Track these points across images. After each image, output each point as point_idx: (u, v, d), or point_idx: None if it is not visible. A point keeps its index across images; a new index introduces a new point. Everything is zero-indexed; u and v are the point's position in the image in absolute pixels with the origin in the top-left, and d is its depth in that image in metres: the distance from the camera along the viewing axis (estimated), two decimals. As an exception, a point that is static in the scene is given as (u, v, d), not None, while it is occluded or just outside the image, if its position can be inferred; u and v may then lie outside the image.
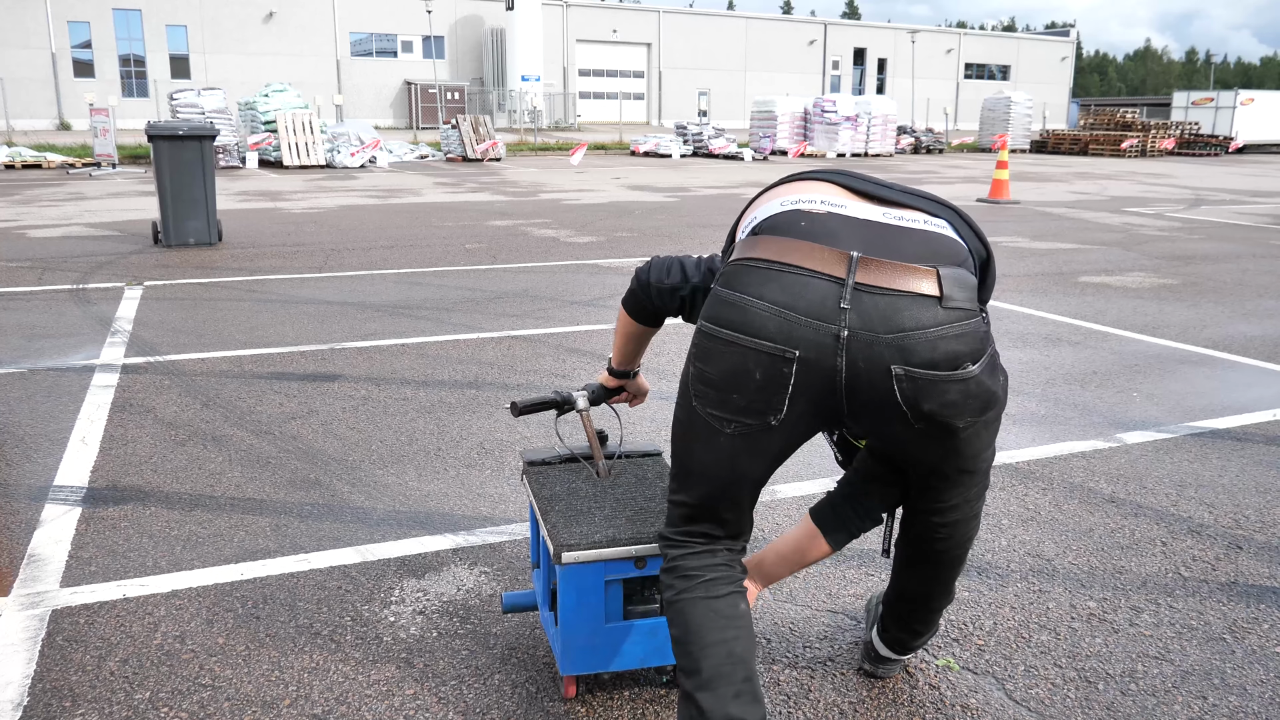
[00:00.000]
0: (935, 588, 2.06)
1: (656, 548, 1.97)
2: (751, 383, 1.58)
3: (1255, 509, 3.25)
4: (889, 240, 1.57)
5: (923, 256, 1.57)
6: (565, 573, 1.96)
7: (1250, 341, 5.65)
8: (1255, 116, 36.84)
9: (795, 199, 1.62)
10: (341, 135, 21.45)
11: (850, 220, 1.59)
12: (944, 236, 1.65)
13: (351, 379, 4.64)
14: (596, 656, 2.02)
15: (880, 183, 1.73)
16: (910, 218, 1.64)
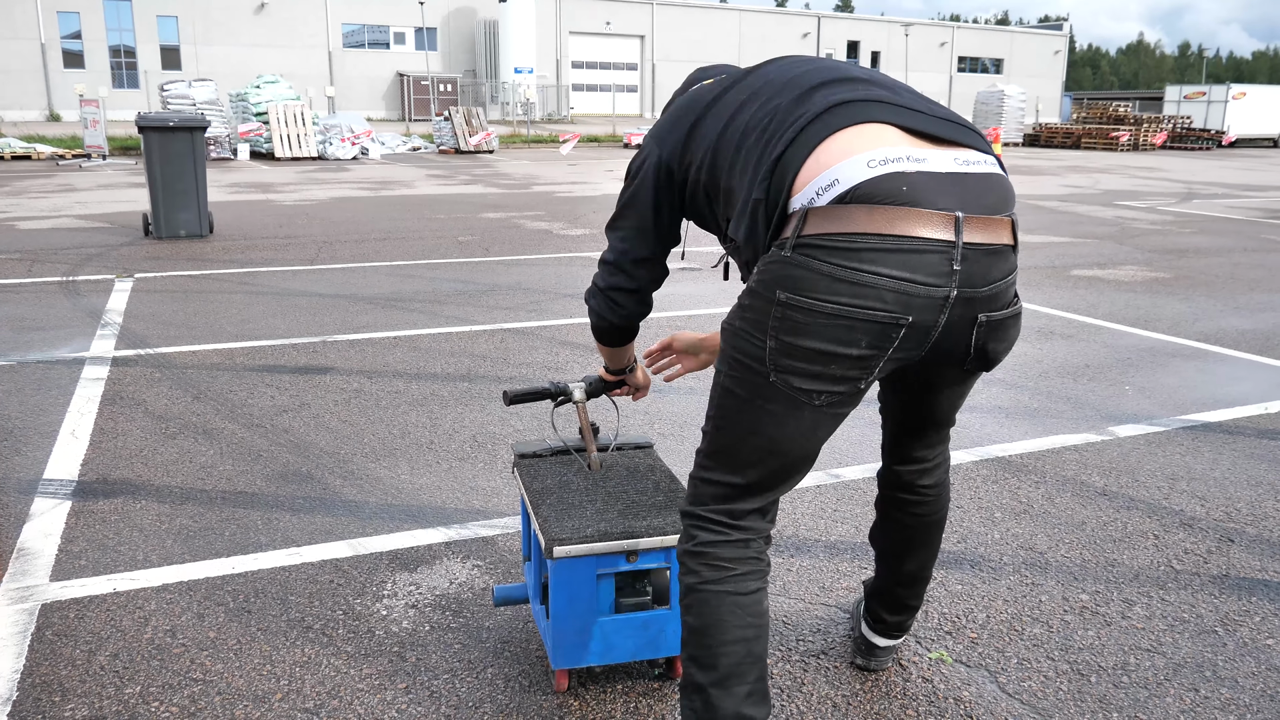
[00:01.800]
0: (928, 557, 2.10)
1: (648, 541, 1.97)
2: (855, 350, 1.53)
3: (1246, 502, 3.26)
4: (976, 192, 1.55)
5: (999, 205, 1.58)
6: (557, 567, 1.95)
7: (1242, 335, 5.67)
8: (1247, 111, 36.91)
9: (883, 156, 1.51)
10: (334, 127, 21.37)
11: (939, 176, 1.52)
12: (1004, 179, 1.64)
13: (343, 372, 4.62)
14: (588, 650, 2.02)
15: (927, 113, 1.63)
16: (975, 160, 1.59)
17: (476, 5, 43.52)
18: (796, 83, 1.69)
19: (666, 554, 2.00)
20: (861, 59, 51.67)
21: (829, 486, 3.32)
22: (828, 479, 3.38)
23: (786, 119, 1.61)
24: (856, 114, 1.56)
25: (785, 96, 1.67)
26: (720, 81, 1.85)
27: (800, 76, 1.70)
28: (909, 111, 1.60)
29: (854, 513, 3.11)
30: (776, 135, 1.60)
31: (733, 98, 1.77)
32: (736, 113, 1.73)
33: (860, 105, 1.58)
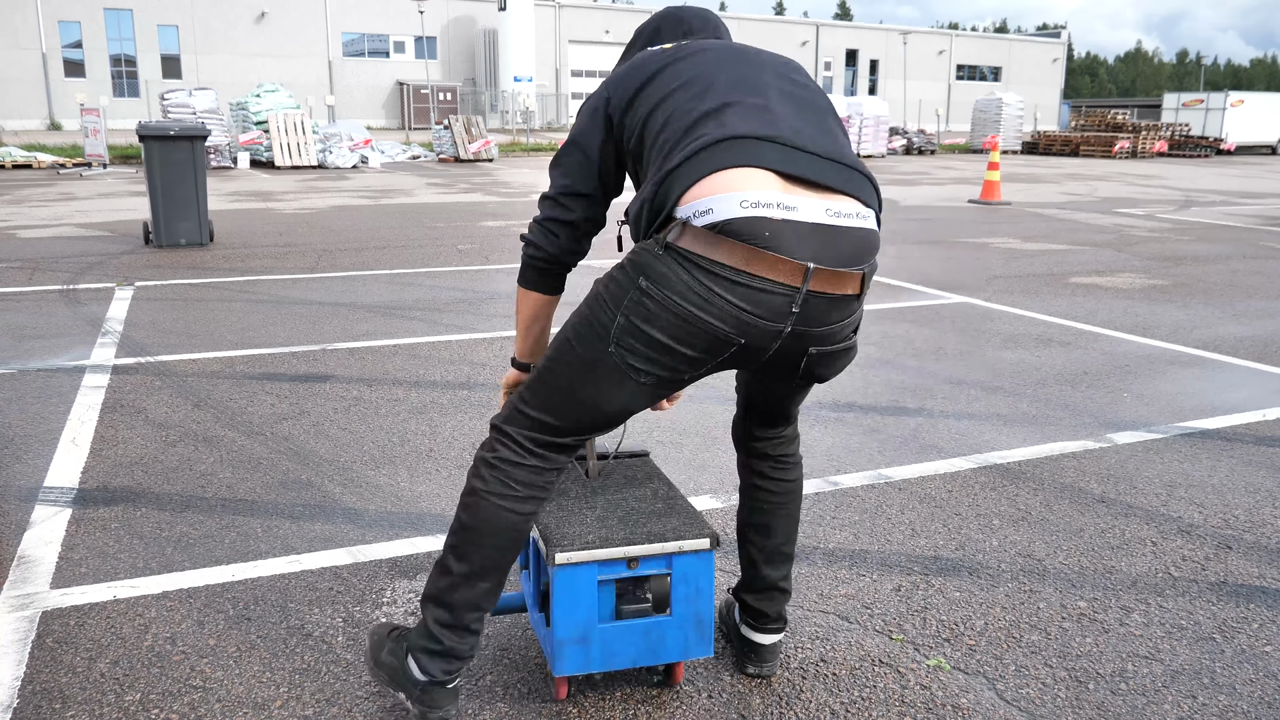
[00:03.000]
0: (790, 529, 2.22)
1: (648, 548, 1.98)
2: (690, 351, 1.71)
3: (1244, 509, 3.26)
4: (835, 245, 1.70)
5: (854, 260, 1.73)
6: (558, 574, 1.95)
7: (1240, 342, 5.68)
8: (1245, 118, 37.00)
9: (754, 200, 1.65)
10: (333, 135, 21.41)
11: (802, 226, 1.67)
12: (871, 233, 1.77)
13: (343, 380, 4.63)
14: (589, 657, 2.01)
15: (820, 154, 1.74)
16: (847, 212, 1.72)
17: (476, 14, 43.63)
18: (716, 90, 1.80)
19: (667, 560, 2.01)
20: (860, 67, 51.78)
21: (827, 494, 3.33)
22: (826, 486, 3.39)
23: (691, 133, 1.74)
24: (748, 155, 1.68)
25: (703, 103, 1.78)
26: (670, 52, 1.93)
27: (722, 84, 1.81)
28: (801, 154, 1.72)
29: (851, 520, 3.12)
30: (678, 147, 1.74)
31: (670, 77, 1.86)
32: (668, 96, 1.83)
33: (754, 145, 1.70)
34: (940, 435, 3.95)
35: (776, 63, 1.91)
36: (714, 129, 1.72)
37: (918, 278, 7.76)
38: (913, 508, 3.23)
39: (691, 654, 2.06)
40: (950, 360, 5.17)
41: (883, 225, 2.24)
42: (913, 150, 31.34)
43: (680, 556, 2.01)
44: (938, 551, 2.91)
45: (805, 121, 1.78)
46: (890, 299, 6.89)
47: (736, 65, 1.86)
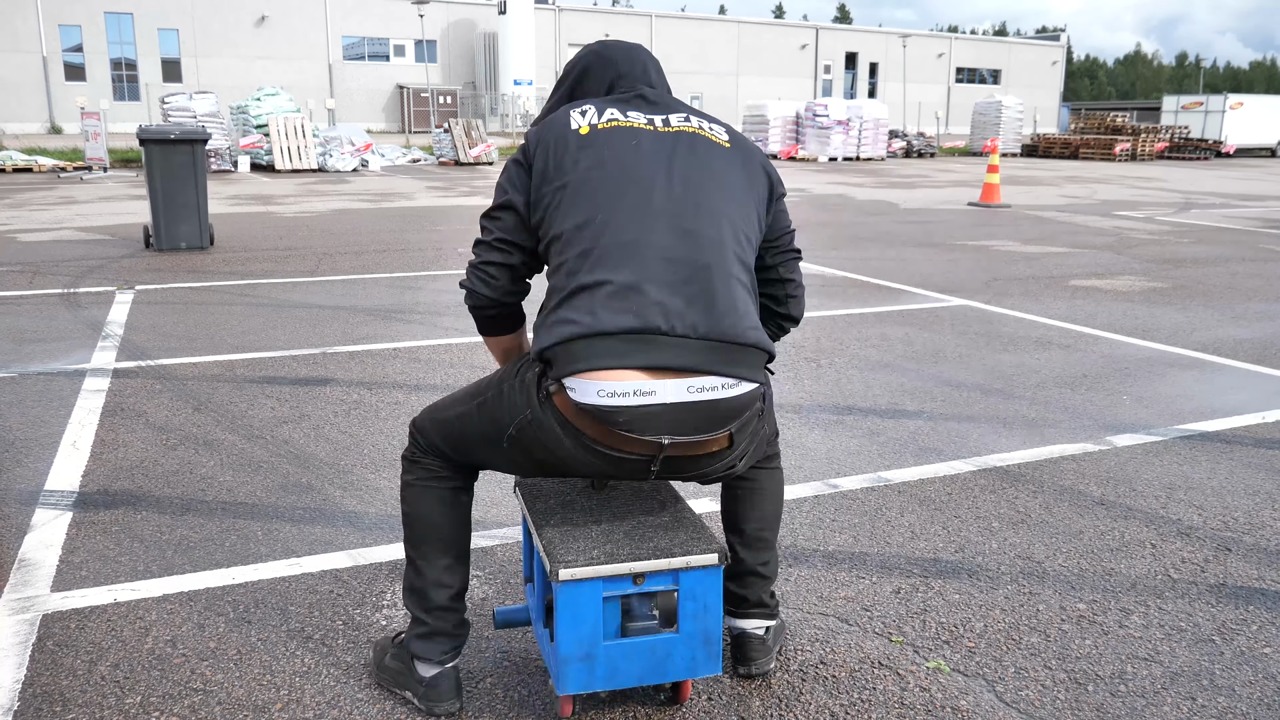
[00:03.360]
0: (767, 514, 2.23)
1: (654, 563, 1.94)
2: (565, 468, 1.92)
3: (1244, 511, 3.27)
4: (695, 418, 1.80)
5: (719, 424, 1.82)
6: (562, 590, 1.89)
7: (1239, 344, 5.68)
8: (1244, 120, 37.03)
9: (611, 390, 1.75)
10: (334, 139, 21.43)
11: (659, 408, 1.77)
12: (737, 399, 1.82)
13: (343, 383, 4.63)
14: (593, 675, 1.95)
15: (686, 337, 1.78)
16: (711, 385, 1.79)
17: (476, 18, 43.68)
18: (600, 253, 1.81)
19: (674, 576, 1.96)
20: (859, 70, 51.82)
21: (826, 497, 3.33)
22: (825, 489, 3.39)
23: (571, 304, 1.80)
24: (612, 358, 1.75)
25: (585, 269, 1.81)
26: (575, 147, 1.91)
27: (608, 246, 1.81)
28: (668, 343, 1.77)
29: (852, 523, 3.12)
30: (558, 310, 1.82)
31: (570, 201, 1.87)
32: (562, 236, 1.87)
33: (620, 346, 1.76)
34: (940, 438, 3.96)
35: (671, 190, 1.87)
36: (586, 317, 1.77)
37: (917, 280, 7.77)
38: (912, 510, 3.23)
39: (699, 672, 2.02)
40: (950, 363, 5.17)
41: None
42: (912, 153, 31.36)
43: (687, 572, 1.95)
44: (937, 554, 2.91)
45: (681, 294, 1.80)
46: (890, 302, 6.90)
47: (628, 210, 1.84)
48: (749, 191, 1.96)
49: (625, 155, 1.88)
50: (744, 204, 1.94)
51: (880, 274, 8.08)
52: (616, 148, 1.89)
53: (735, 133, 2.04)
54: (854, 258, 9.08)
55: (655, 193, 1.86)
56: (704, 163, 1.92)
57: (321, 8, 41.43)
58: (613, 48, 2.13)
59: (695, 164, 1.91)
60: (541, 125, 1.98)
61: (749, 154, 2.01)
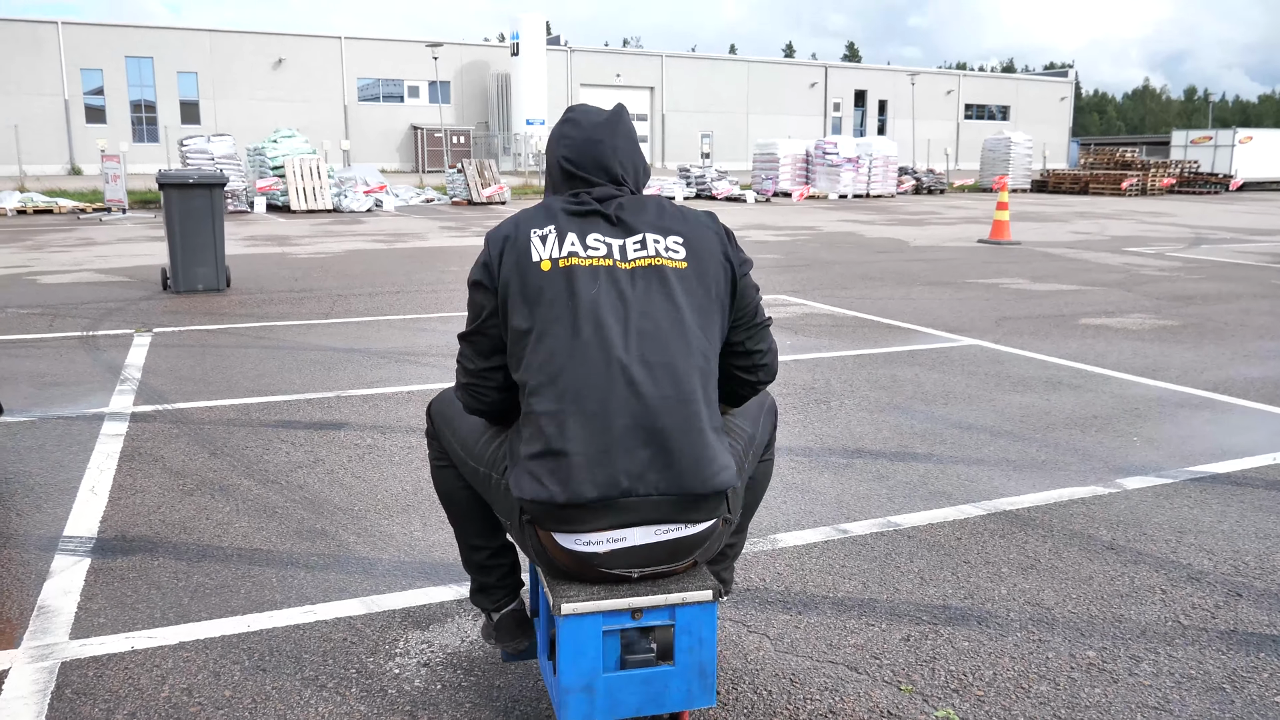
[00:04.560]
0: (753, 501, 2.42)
1: (652, 599, 2.03)
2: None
3: (1255, 555, 3.26)
4: (662, 553, 2.02)
5: (686, 553, 2.05)
6: (564, 624, 1.99)
7: (1251, 384, 5.68)
8: (1254, 154, 37.07)
9: (586, 540, 1.98)
10: (349, 179, 21.70)
11: (626, 550, 1.99)
12: (695, 537, 2.03)
13: (357, 427, 4.68)
14: (594, 706, 2.03)
15: (649, 495, 1.95)
16: (675, 526, 2.00)
17: (489, 59, 44.31)
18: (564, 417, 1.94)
19: (670, 611, 2.05)
20: (869, 107, 52.20)
21: (836, 542, 3.34)
22: (835, 534, 3.41)
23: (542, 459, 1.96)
24: (583, 524, 1.96)
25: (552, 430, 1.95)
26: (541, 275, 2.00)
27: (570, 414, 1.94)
28: (632, 504, 1.95)
29: (861, 568, 3.14)
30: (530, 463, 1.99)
31: (539, 331, 1.98)
32: (527, 385, 2.00)
33: (590, 513, 1.95)
34: (949, 481, 3.97)
35: (629, 349, 1.95)
36: (558, 487, 1.94)
37: (927, 320, 7.80)
38: (922, 555, 3.24)
39: (695, 703, 2.10)
40: (959, 404, 5.19)
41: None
42: (922, 190, 31.49)
43: (684, 608, 2.04)
44: (947, 600, 2.92)
45: (640, 459, 1.94)
46: (900, 342, 6.93)
47: (590, 377, 1.94)
48: (710, 304, 2.06)
49: (584, 307, 1.96)
50: (706, 323, 2.04)
51: (890, 313, 8.12)
52: (577, 297, 1.97)
53: (692, 234, 2.08)
54: (864, 297, 9.13)
55: (614, 354, 1.94)
56: (662, 304, 1.99)
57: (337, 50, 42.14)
58: (571, 135, 2.15)
59: (653, 309, 1.99)
60: (505, 242, 2.05)
61: (705, 258, 2.06)
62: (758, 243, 14.67)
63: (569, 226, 2.03)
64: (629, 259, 2.01)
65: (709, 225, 2.12)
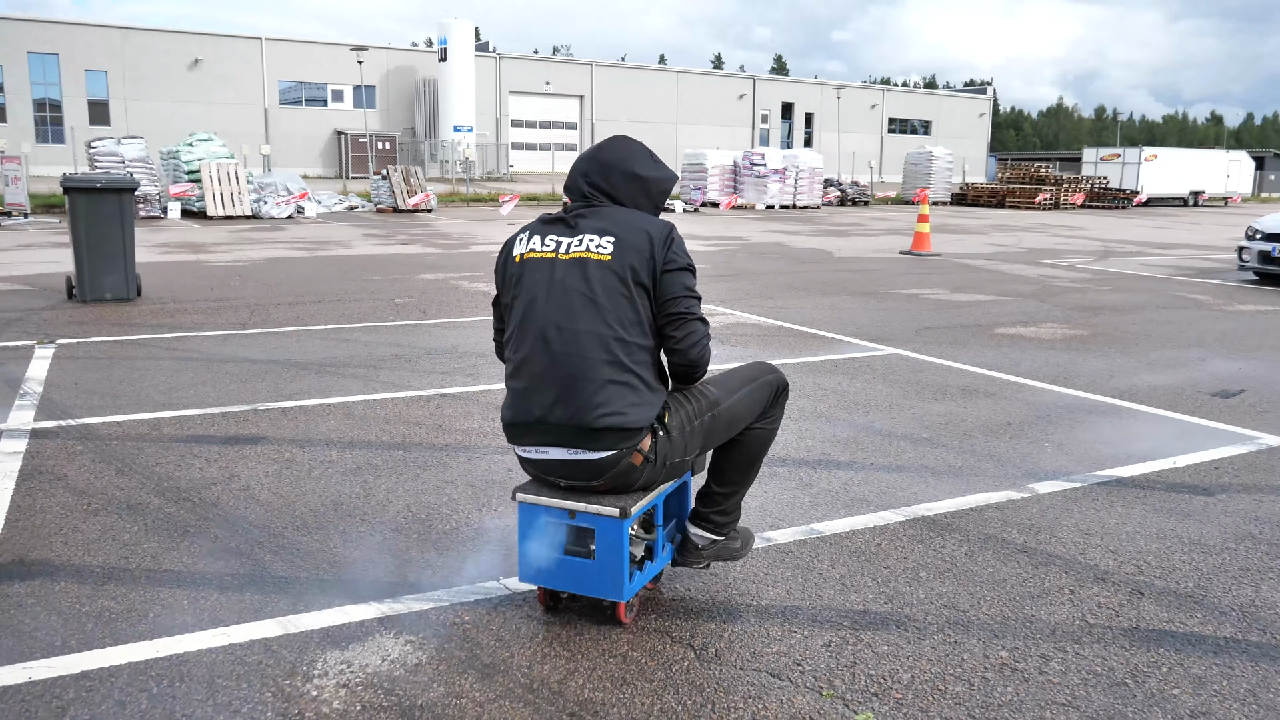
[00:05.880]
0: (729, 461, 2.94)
1: (583, 507, 2.67)
2: None
3: (1155, 555, 3.39)
4: (579, 471, 2.70)
5: (598, 474, 2.69)
6: (520, 509, 2.75)
7: (1154, 391, 5.90)
8: (1158, 172, 38.67)
9: (522, 452, 2.78)
10: (269, 185, 21.24)
11: (554, 462, 2.73)
12: (606, 459, 2.67)
13: (275, 441, 4.57)
14: (539, 575, 2.77)
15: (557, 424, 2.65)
16: (579, 452, 2.66)
17: (416, 64, 43.81)
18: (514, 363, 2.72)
19: (592, 519, 2.67)
20: (796, 120, 53.00)
21: (760, 550, 3.37)
22: (759, 543, 3.43)
23: (508, 386, 2.77)
24: (516, 438, 2.76)
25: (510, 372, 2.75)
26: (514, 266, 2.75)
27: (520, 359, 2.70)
28: (549, 429, 2.66)
29: (784, 576, 3.17)
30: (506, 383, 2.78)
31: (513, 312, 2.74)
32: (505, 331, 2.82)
33: (523, 430, 2.71)
34: (870, 488, 4.04)
35: (552, 319, 2.62)
36: (508, 411, 2.75)
37: (850, 330, 7.94)
38: (843, 562, 3.29)
39: (605, 595, 2.71)
40: (881, 412, 5.29)
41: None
42: (847, 201, 32.07)
43: (599, 518, 2.66)
44: (867, 605, 2.97)
45: (550, 396, 2.63)
46: (824, 351, 7.03)
47: (530, 335, 2.66)
48: (626, 288, 2.60)
49: (533, 289, 2.68)
50: (621, 307, 2.61)
51: (815, 323, 8.24)
52: (530, 281, 2.69)
53: (626, 235, 2.63)
54: (789, 306, 9.25)
55: (545, 323, 2.64)
56: (582, 287, 2.61)
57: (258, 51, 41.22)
58: (585, 153, 2.84)
59: (571, 289, 2.62)
60: (505, 244, 2.82)
61: (629, 254, 2.61)
62: (684, 252, 14.74)
63: (539, 230, 2.74)
64: (569, 253, 2.65)
65: (647, 230, 2.65)
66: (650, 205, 2.78)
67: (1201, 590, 3.11)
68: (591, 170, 2.75)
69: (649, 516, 2.86)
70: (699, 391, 2.79)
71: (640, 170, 2.76)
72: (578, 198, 2.76)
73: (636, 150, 2.80)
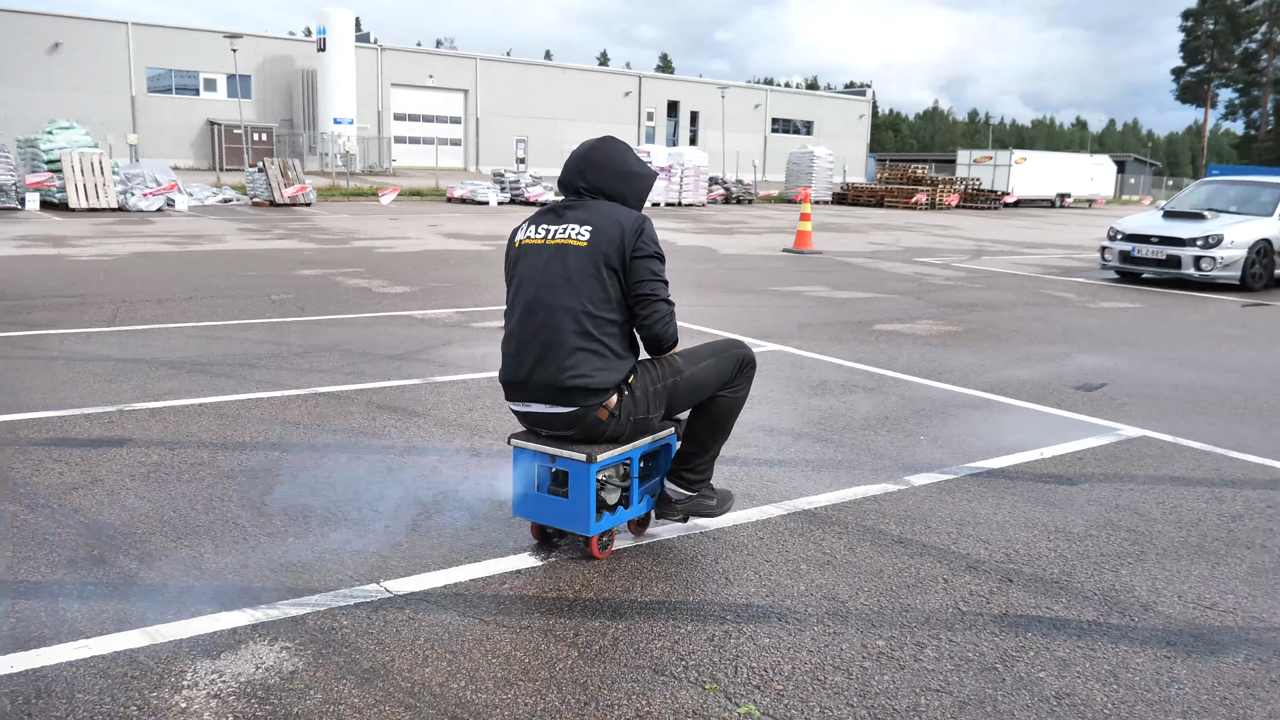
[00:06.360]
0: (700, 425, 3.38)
1: (561, 453, 3.12)
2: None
3: (1024, 543, 3.55)
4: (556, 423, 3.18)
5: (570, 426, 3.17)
6: (514, 452, 3.26)
7: (1022, 385, 6.18)
8: (1028, 174, 40.53)
9: (513, 406, 3.26)
10: (136, 176, 20.28)
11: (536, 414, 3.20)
12: (573, 413, 3.12)
13: (142, 443, 4.36)
14: (526, 509, 3.28)
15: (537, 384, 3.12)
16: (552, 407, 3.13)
17: (294, 53, 42.45)
18: (509, 330, 3.20)
19: (566, 463, 3.12)
20: (681, 118, 53.52)
21: (644, 546, 3.39)
22: (644, 539, 3.45)
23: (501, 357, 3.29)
24: (510, 392, 3.24)
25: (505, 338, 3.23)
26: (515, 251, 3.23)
27: (513, 325, 3.17)
28: (527, 387, 3.14)
29: (669, 572, 3.20)
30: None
31: (511, 287, 3.21)
32: (507, 295, 3.25)
33: (511, 387, 3.21)
34: (753, 483, 4.11)
35: (537, 296, 3.08)
36: (501, 370, 3.25)
37: (733, 327, 8.06)
38: (726, 556, 3.34)
39: (578, 529, 3.15)
40: (764, 408, 5.39)
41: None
42: (731, 199, 32.55)
43: (571, 462, 3.11)
44: (750, 599, 3.02)
45: (529, 361, 3.11)
46: (709, 348, 7.11)
47: (519, 308, 3.13)
48: (599, 271, 3.02)
49: (525, 271, 3.14)
50: (591, 287, 3.02)
51: (700, 320, 8.33)
52: (525, 264, 3.15)
53: (601, 225, 3.06)
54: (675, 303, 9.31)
55: (530, 300, 3.11)
56: (561, 269, 3.05)
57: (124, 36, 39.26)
58: (578, 152, 3.23)
59: (555, 273, 3.06)
60: (511, 233, 3.28)
61: (602, 242, 3.04)
62: (573, 249, 14.72)
63: (535, 220, 3.21)
64: (553, 239, 3.10)
65: (620, 222, 3.07)
66: (634, 199, 3.20)
67: (1066, 576, 3.28)
68: (586, 168, 3.16)
69: (626, 468, 3.24)
70: (667, 360, 3.22)
71: (626, 169, 3.18)
72: (570, 192, 3.19)
73: (624, 151, 3.21)
